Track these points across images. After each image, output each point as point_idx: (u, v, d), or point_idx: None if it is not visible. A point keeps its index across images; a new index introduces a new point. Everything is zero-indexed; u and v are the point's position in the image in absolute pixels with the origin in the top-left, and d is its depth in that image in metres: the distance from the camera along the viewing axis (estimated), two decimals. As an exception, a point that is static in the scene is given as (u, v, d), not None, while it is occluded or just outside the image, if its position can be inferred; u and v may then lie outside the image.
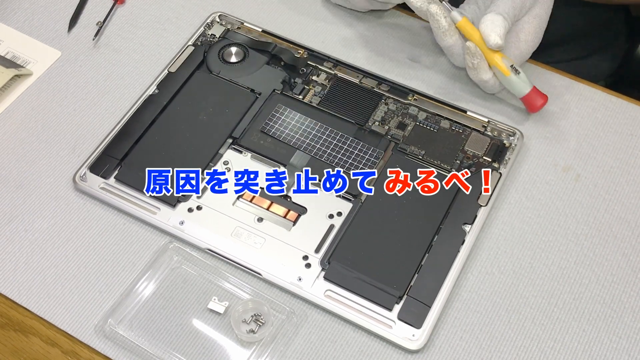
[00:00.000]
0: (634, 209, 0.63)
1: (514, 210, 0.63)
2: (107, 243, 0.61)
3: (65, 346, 0.57)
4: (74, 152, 0.67)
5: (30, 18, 0.76)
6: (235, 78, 0.70)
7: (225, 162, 0.65)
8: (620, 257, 0.61)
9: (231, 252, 0.60)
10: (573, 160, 0.66)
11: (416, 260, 0.59)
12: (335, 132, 0.66)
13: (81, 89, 0.71)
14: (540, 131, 0.68)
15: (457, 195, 0.63)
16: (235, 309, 0.57)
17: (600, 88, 0.71)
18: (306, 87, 0.70)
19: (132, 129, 0.66)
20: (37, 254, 0.61)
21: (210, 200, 0.63)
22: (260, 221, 0.62)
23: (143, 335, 0.57)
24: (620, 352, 0.56)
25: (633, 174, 0.65)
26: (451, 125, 0.67)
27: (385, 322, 0.57)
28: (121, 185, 0.64)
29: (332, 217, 0.62)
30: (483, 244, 0.61)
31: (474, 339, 0.57)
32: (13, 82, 0.71)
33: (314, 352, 0.57)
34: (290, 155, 0.65)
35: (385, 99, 0.69)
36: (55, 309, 0.58)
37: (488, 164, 0.65)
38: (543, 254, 0.61)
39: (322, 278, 0.59)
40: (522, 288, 0.59)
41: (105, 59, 0.73)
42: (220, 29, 0.74)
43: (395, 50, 0.73)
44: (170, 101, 0.68)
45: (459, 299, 0.59)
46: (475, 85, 0.70)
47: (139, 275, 0.59)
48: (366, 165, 0.64)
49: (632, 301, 0.59)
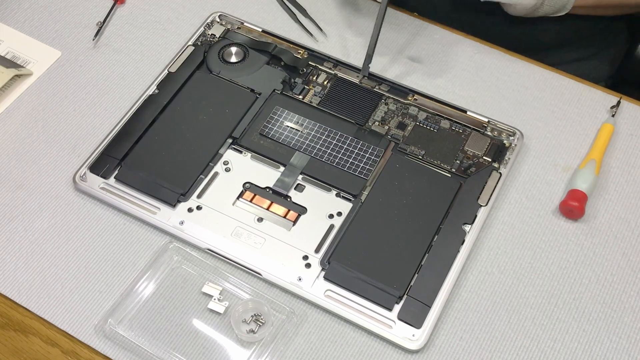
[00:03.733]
0: (634, 209, 0.63)
1: (514, 210, 0.63)
2: (107, 243, 0.61)
3: (65, 346, 0.57)
4: (74, 152, 0.66)
5: (30, 18, 0.76)
6: (235, 78, 0.70)
7: (225, 162, 0.65)
8: (620, 257, 0.61)
9: (231, 252, 0.60)
10: (573, 160, 0.66)
11: (416, 260, 0.59)
12: (335, 132, 0.66)
13: (81, 89, 0.71)
14: (540, 131, 0.68)
15: (457, 195, 0.63)
16: (235, 309, 0.57)
17: (600, 88, 0.71)
18: (306, 87, 0.70)
19: (132, 129, 0.66)
20: (37, 254, 0.61)
21: (210, 200, 0.63)
22: (260, 221, 0.62)
23: (143, 335, 0.57)
24: (620, 352, 0.56)
25: (633, 174, 0.65)
26: (451, 125, 0.67)
27: (385, 322, 0.57)
28: (121, 185, 0.64)
29: (332, 217, 0.62)
30: (483, 244, 0.61)
31: (474, 339, 0.57)
32: (13, 82, 0.71)
33: (314, 352, 0.57)
34: (290, 155, 0.65)
35: (385, 99, 0.69)
36: (55, 309, 0.58)
37: (488, 164, 0.65)
38: (543, 254, 0.61)
39: (322, 278, 0.59)
40: (522, 288, 0.59)
41: (105, 59, 0.73)
42: (220, 29, 0.74)
43: (395, 50, 0.73)
44: (170, 101, 0.68)
45: (459, 299, 0.59)
46: (475, 86, 0.70)
47: (139, 275, 0.59)
48: (366, 165, 0.64)
49: (632, 301, 0.59)
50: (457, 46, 0.74)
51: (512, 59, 0.73)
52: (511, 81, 0.71)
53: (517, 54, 0.73)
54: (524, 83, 0.71)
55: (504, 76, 0.71)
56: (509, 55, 0.73)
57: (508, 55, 0.73)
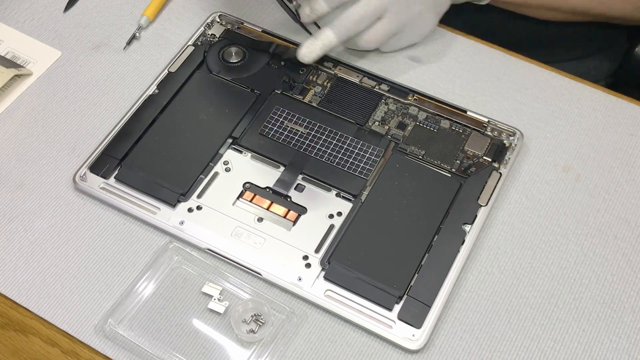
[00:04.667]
0: (634, 209, 0.63)
1: (514, 210, 0.63)
2: (107, 243, 0.61)
3: (65, 346, 0.57)
4: (74, 152, 0.66)
5: (30, 18, 0.76)
6: (235, 78, 0.70)
7: (225, 162, 0.65)
8: (620, 257, 0.61)
9: (231, 252, 0.60)
10: (573, 160, 0.66)
11: (416, 260, 0.59)
12: (335, 132, 0.66)
13: (81, 89, 0.71)
14: (540, 131, 0.68)
15: (457, 195, 0.63)
16: (235, 309, 0.57)
17: (600, 88, 0.71)
18: (306, 87, 0.70)
19: (132, 129, 0.66)
20: (37, 254, 0.61)
21: (210, 200, 0.63)
22: (260, 221, 0.62)
23: (143, 335, 0.57)
24: (620, 352, 0.56)
25: (633, 174, 0.65)
26: (451, 125, 0.67)
27: (385, 322, 0.57)
28: (121, 185, 0.64)
29: (332, 217, 0.62)
30: (483, 244, 0.61)
31: (474, 339, 0.57)
32: (13, 82, 0.71)
33: (314, 352, 0.57)
34: (290, 155, 0.65)
35: (385, 99, 0.69)
36: (55, 309, 0.58)
37: (488, 164, 0.65)
38: (543, 254, 0.61)
39: (322, 278, 0.59)
40: (522, 288, 0.59)
41: (105, 59, 0.73)
42: (220, 29, 0.74)
43: (395, 50, 0.73)
44: (170, 101, 0.68)
45: (459, 299, 0.59)
46: (475, 86, 0.70)
47: (139, 275, 0.59)
48: (366, 165, 0.64)
49: (632, 301, 0.59)
50: (457, 46, 0.74)
51: (512, 59, 0.73)
52: (511, 81, 0.71)
53: (517, 54, 0.73)
54: (524, 83, 0.71)
55: (504, 76, 0.71)
56: (509, 55, 0.73)
57: (508, 55, 0.73)
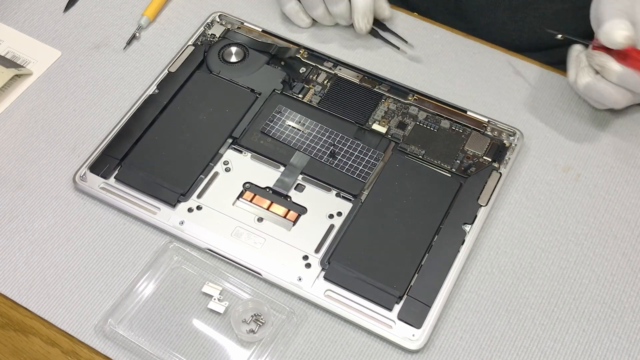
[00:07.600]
0: (634, 209, 0.63)
1: (514, 210, 0.63)
2: (107, 243, 0.61)
3: (65, 346, 0.57)
4: (74, 152, 0.66)
5: (30, 18, 0.76)
6: (235, 78, 0.70)
7: (225, 162, 0.65)
8: (620, 257, 0.61)
9: (231, 252, 0.60)
10: (573, 160, 0.66)
11: (416, 260, 0.59)
12: (336, 132, 0.66)
13: (81, 89, 0.71)
14: (540, 131, 0.68)
15: (457, 195, 0.63)
16: (235, 309, 0.57)
17: (600, 88, 0.71)
18: (306, 87, 0.70)
19: (132, 129, 0.66)
20: (37, 254, 0.61)
21: (210, 200, 0.63)
22: (260, 221, 0.62)
23: (143, 335, 0.57)
24: (620, 352, 0.56)
25: (633, 174, 0.65)
26: (451, 125, 0.67)
27: (385, 322, 0.57)
28: (121, 185, 0.64)
29: (332, 217, 0.62)
30: (483, 244, 0.61)
31: (474, 339, 0.57)
32: (13, 82, 0.71)
33: (314, 352, 0.57)
34: (290, 156, 0.65)
35: (385, 99, 0.69)
36: (55, 309, 0.58)
37: (488, 163, 0.65)
38: (543, 254, 0.61)
39: (322, 278, 0.59)
40: (522, 288, 0.59)
41: (105, 59, 0.73)
42: (220, 29, 0.74)
43: (395, 50, 0.73)
44: (170, 101, 0.68)
45: (459, 299, 0.59)
46: (475, 86, 0.70)
47: (139, 275, 0.59)
48: (367, 165, 0.64)
49: (632, 301, 0.59)
50: (457, 46, 0.74)
51: (512, 59, 0.73)
52: (511, 81, 0.71)
53: (518, 54, 0.73)
54: (524, 83, 0.71)
55: (504, 76, 0.71)
56: (509, 55, 0.73)
57: (508, 55, 0.73)
